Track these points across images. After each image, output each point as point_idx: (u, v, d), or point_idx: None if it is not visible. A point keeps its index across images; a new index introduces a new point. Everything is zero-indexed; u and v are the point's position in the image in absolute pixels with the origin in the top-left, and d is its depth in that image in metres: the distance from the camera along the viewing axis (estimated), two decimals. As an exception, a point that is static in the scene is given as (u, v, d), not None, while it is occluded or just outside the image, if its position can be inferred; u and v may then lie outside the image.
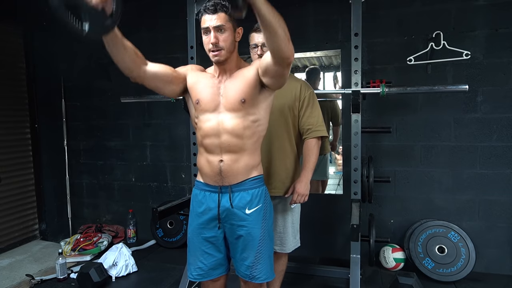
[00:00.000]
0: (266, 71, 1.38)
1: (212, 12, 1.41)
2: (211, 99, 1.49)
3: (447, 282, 2.55)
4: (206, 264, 1.56)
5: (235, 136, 1.46)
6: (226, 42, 1.43)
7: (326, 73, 3.23)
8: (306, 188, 1.89)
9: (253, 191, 1.52)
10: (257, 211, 1.51)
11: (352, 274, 2.27)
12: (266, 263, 1.53)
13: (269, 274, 1.55)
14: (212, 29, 1.42)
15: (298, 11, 2.92)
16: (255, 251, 1.50)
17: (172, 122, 3.34)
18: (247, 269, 1.52)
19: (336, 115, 3.11)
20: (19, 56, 3.48)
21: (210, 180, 1.52)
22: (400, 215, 2.84)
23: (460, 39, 2.58)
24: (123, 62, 1.38)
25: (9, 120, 3.38)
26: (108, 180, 3.66)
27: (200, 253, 1.56)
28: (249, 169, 1.51)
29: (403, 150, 2.81)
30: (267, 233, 1.54)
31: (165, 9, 3.29)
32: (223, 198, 1.51)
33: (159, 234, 3.38)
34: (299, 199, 1.89)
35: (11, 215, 3.38)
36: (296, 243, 2.05)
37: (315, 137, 1.91)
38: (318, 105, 1.96)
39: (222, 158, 1.48)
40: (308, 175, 1.90)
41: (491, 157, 2.63)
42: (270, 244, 1.57)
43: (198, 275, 1.58)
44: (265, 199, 1.55)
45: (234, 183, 1.50)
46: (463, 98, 2.65)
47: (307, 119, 1.92)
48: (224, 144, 1.47)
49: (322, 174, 3.14)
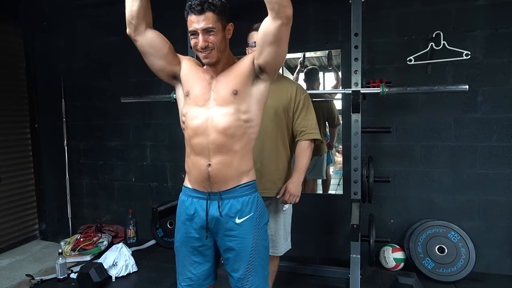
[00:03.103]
0: (265, 37, 1.29)
1: (199, 13, 1.30)
2: (202, 92, 1.41)
3: (447, 282, 2.55)
4: (195, 274, 1.49)
5: (224, 135, 1.36)
6: (216, 42, 1.34)
7: (326, 73, 3.23)
8: (297, 189, 1.88)
9: (243, 198, 1.42)
10: (249, 220, 1.42)
11: (352, 274, 2.27)
12: (259, 274, 1.45)
13: (261, 286, 1.47)
14: (200, 32, 1.32)
15: (298, 11, 2.89)
16: (246, 263, 1.41)
17: (172, 122, 3.34)
18: (238, 281, 1.44)
19: (332, 117, 3.11)
20: (19, 56, 3.48)
21: (198, 185, 1.43)
22: (400, 215, 2.84)
23: (460, 39, 2.58)
24: (131, 9, 1.34)
25: (9, 120, 3.38)
26: (108, 180, 3.66)
27: (189, 262, 1.49)
28: (239, 174, 1.41)
29: (403, 150, 2.81)
30: (260, 242, 1.44)
31: (164, 9, 3.29)
32: (212, 205, 1.41)
33: (159, 234, 3.38)
34: (290, 200, 1.88)
35: (11, 215, 3.38)
36: (287, 245, 2.04)
37: (308, 139, 1.92)
38: (313, 108, 1.97)
39: (211, 161, 1.38)
40: (300, 176, 1.90)
41: (491, 157, 2.63)
42: (263, 254, 1.47)
43: (188, 286, 1.50)
44: (258, 206, 1.45)
45: (224, 190, 1.40)
46: (463, 98, 2.64)
47: (301, 121, 1.92)
48: (213, 145, 1.37)
49: (318, 174, 3.15)
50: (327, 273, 2.69)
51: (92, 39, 3.53)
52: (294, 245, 2.11)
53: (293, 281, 2.62)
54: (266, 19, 1.28)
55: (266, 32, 1.28)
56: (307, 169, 1.94)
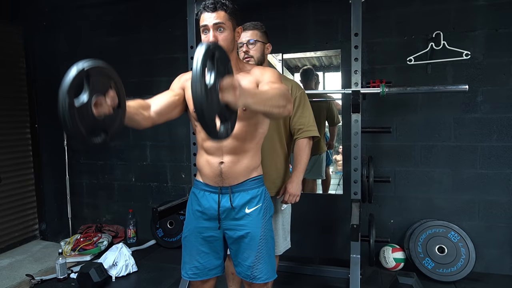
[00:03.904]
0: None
1: (212, 10, 1.38)
2: None
3: (447, 282, 2.55)
4: (202, 263, 1.55)
5: (237, 139, 1.44)
6: (226, 41, 1.40)
7: (326, 73, 3.23)
8: (297, 188, 1.88)
9: (253, 191, 1.51)
10: (257, 210, 1.51)
11: (352, 274, 2.27)
12: (267, 262, 1.51)
13: (270, 274, 1.53)
14: (211, 28, 1.38)
15: (298, 11, 2.92)
16: (255, 251, 1.49)
17: (172, 122, 3.27)
18: (248, 269, 1.51)
19: (332, 116, 3.12)
20: (19, 56, 3.48)
21: (210, 181, 1.51)
22: (400, 215, 2.84)
23: (460, 39, 2.58)
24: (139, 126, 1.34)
25: (9, 120, 3.38)
26: (108, 180, 3.66)
27: (197, 252, 1.55)
28: (249, 170, 1.50)
29: (403, 150, 2.81)
30: (268, 232, 1.53)
31: (165, 9, 3.29)
32: (223, 198, 1.50)
33: (159, 234, 3.38)
34: (290, 199, 1.88)
35: (11, 215, 3.37)
36: (286, 245, 2.04)
37: (306, 137, 1.90)
38: (309, 105, 1.96)
39: (223, 160, 1.46)
40: (300, 175, 1.89)
41: (491, 157, 2.63)
42: (271, 244, 1.55)
43: (194, 274, 1.56)
44: (265, 199, 1.54)
45: (235, 184, 1.49)
46: (463, 98, 2.65)
47: (298, 119, 1.91)
48: (226, 147, 1.45)
49: (317, 174, 3.14)
50: (327, 273, 2.69)
51: (92, 39, 3.53)
52: (294, 245, 2.11)
53: (293, 281, 2.62)
54: None
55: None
56: (306, 167, 1.93)
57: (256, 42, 1.88)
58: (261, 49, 1.90)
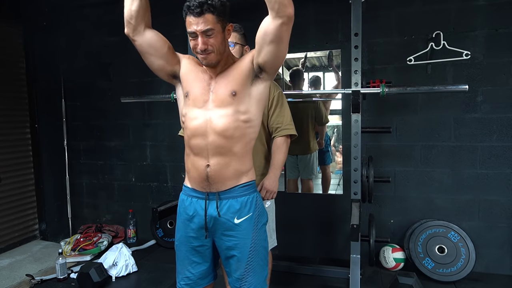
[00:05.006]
0: (265, 36, 1.26)
1: (198, 15, 1.26)
2: (201, 93, 1.39)
3: (447, 282, 2.55)
4: (194, 273, 1.49)
5: (223, 137, 1.36)
6: (216, 45, 1.31)
7: (326, 73, 3.23)
8: (274, 184, 1.89)
9: (242, 198, 1.41)
10: (248, 220, 1.41)
11: (352, 274, 2.27)
12: (258, 274, 1.44)
13: (260, 287, 1.46)
14: (199, 34, 1.29)
15: (298, 11, 2.88)
16: (245, 263, 1.41)
17: (172, 122, 3.34)
18: (237, 281, 1.44)
19: (320, 115, 3.14)
20: (19, 56, 3.47)
21: (197, 185, 1.43)
22: (400, 215, 2.84)
23: (460, 39, 2.58)
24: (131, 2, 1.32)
25: (9, 120, 3.38)
26: (108, 180, 3.66)
27: (188, 262, 1.50)
28: (238, 175, 1.41)
29: (403, 150, 2.81)
30: (259, 243, 1.44)
31: (164, 8, 3.29)
32: (210, 205, 1.41)
33: (159, 234, 3.38)
34: (267, 196, 1.89)
35: (11, 215, 3.37)
36: (272, 242, 2.05)
37: (283, 135, 1.93)
38: (287, 104, 1.98)
39: (209, 162, 1.37)
40: (276, 172, 1.91)
41: (491, 157, 2.63)
42: (262, 254, 1.46)
43: (186, 285, 1.51)
44: (256, 206, 1.44)
45: (222, 190, 1.40)
46: (463, 98, 2.64)
47: (276, 118, 1.94)
48: (212, 146, 1.36)
49: (310, 173, 3.16)
50: (327, 273, 2.69)
51: (92, 39, 3.53)
52: (294, 245, 2.12)
53: (293, 281, 2.62)
54: (266, 18, 1.25)
55: (266, 31, 1.25)
56: (283, 165, 1.95)
57: (236, 44, 1.90)
58: (239, 51, 1.92)
